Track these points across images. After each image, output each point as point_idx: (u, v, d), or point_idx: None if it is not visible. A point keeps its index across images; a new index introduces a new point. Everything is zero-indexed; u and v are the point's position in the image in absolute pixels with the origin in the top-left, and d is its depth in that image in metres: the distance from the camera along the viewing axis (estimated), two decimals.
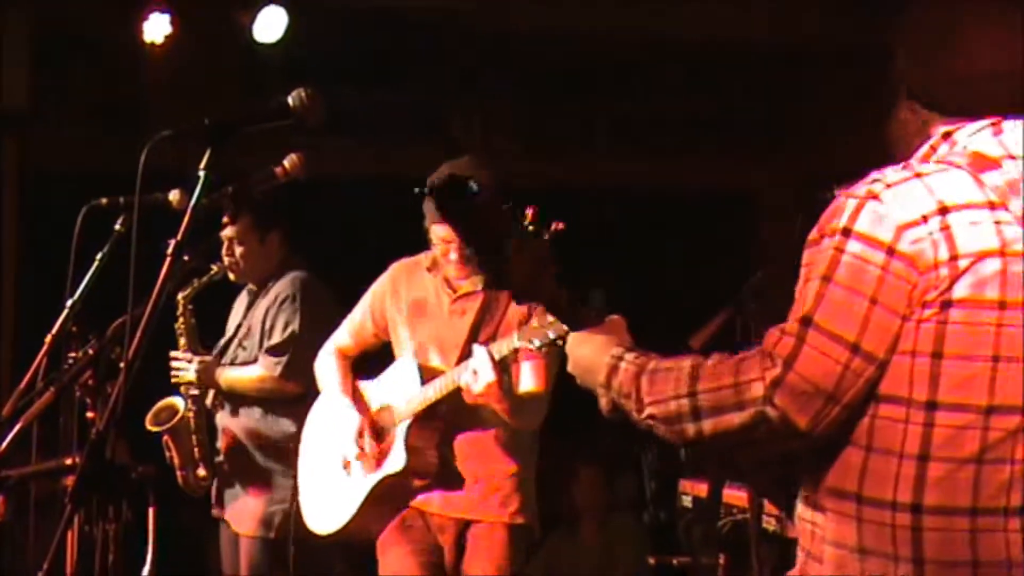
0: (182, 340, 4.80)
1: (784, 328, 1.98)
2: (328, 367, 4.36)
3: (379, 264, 4.39)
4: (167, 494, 4.27)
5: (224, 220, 4.72)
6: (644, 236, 7.34)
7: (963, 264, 1.96)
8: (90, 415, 4.00)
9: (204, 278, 4.75)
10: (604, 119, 7.66)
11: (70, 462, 3.64)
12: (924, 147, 2.12)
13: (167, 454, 4.73)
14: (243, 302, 4.93)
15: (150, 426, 4.69)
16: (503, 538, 4.08)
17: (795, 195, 6.95)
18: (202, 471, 4.76)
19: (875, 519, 2.00)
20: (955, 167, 2.03)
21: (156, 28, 6.12)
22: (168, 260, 2.50)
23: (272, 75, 6.24)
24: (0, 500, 4.35)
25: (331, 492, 4.26)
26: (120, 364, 2.63)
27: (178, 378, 4.76)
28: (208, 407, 4.82)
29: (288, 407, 4.63)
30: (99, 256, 3.85)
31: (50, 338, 3.77)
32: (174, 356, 4.78)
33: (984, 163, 2.03)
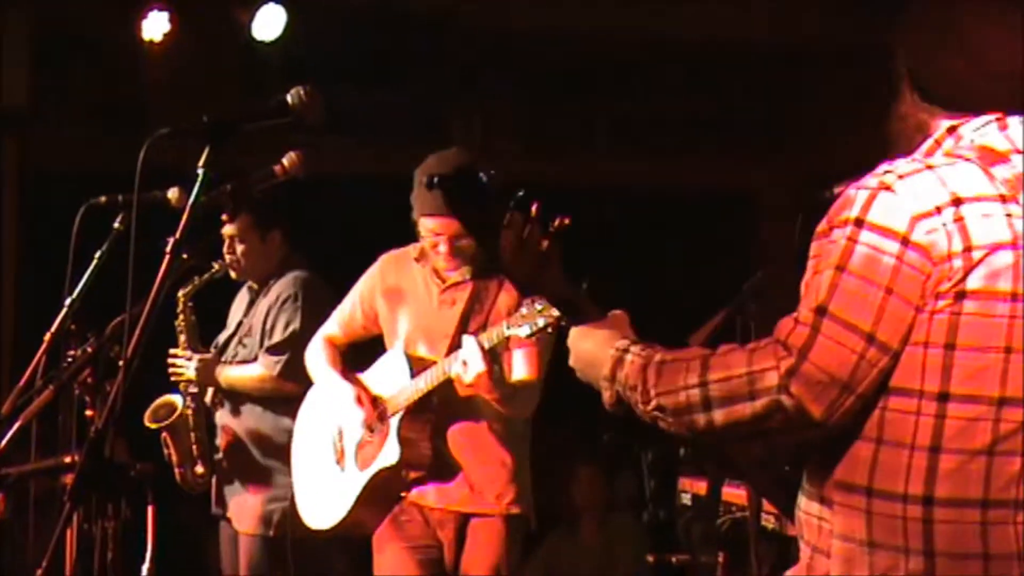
0: (182, 338, 4.80)
1: (797, 317, 1.97)
2: (318, 356, 4.35)
3: None
4: (166, 492, 4.27)
5: (223, 218, 4.72)
6: (644, 236, 7.33)
7: (977, 256, 1.96)
8: (89, 413, 4.01)
9: (205, 275, 4.75)
10: (604, 119, 7.66)
11: (69, 460, 3.63)
12: (928, 142, 2.12)
13: (165, 451, 4.74)
14: (243, 300, 4.93)
15: (148, 423, 4.69)
16: (500, 531, 4.08)
17: (795, 195, 6.95)
18: (200, 468, 4.76)
19: (885, 512, 1.99)
20: (964, 160, 2.03)
21: (155, 26, 6.11)
22: (167, 258, 2.51)
23: (271, 74, 6.24)
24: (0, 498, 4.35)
25: (325, 487, 4.25)
26: (119, 362, 2.63)
27: (177, 376, 4.76)
28: (207, 405, 4.82)
29: (288, 406, 4.62)
30: (98, 254, 3.85)
31: (49, 336, 3.77)
32: (173, 354, 4.78)
33: (993, 157, 2.04)
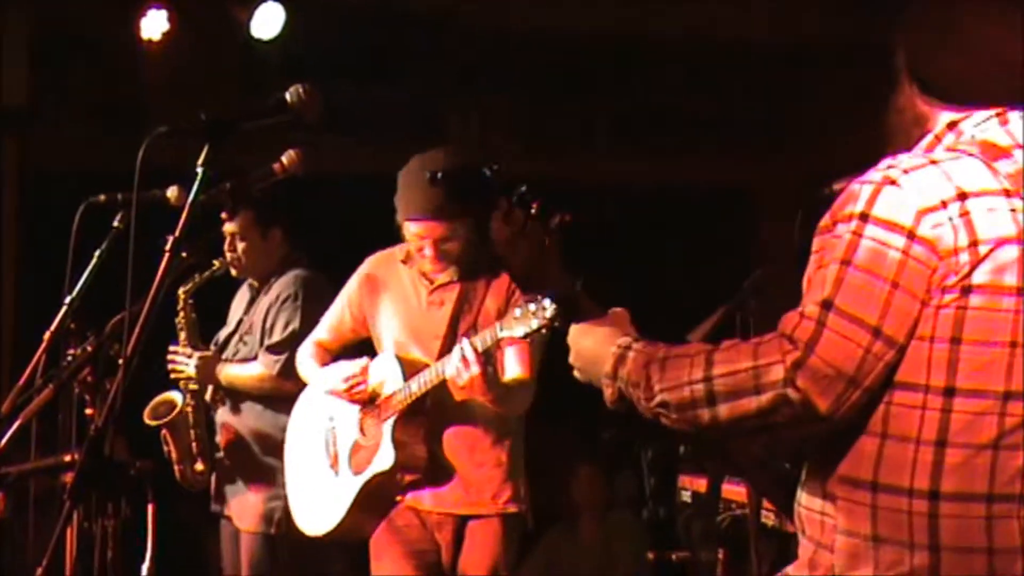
0: (182, 335, 4.79)
1: (803, 311, 1.97)
2: (310, 364, 4.34)
3: None
4: (166, 490, 4.27)
5: (222, 216, 4.71)
6: (644, 235, 7.33)
7: (983, 250, 1.96)
8: (89, 412, 4.00)
9: (205, 273, 4.75)
10: (604, 118, 7.66)
11: (69, 459, 3.64)
12: (928, 137, 2.12)
13: (165, 448, 4.73)
14: (244, 297, 4.93)
15: (148, 420, 4.69)
16: (497, 531, 4.08)
17: (795, 194, 6.95)
18: (200, 465, 4.75)
19: (891, 506, 1.99)
20: (967, 155, 2.04)
21: (153, 25, 6.11)
22: (166, 257, 2.51)
23: (270, 72, 6.24)
24: (0, 496, 4.35)
25: (319, 492, 4.23)
26: (119, 361, 2.63)
27: (177, 373, 4.76)
28: (207, 402, 4.82)
29: (288, 404, 4.62)
30: (98, 253, 3.85)
31: (49, 335, 3.77)
32: (173, 351, 4.78)
33: (996, 152, 2.04)
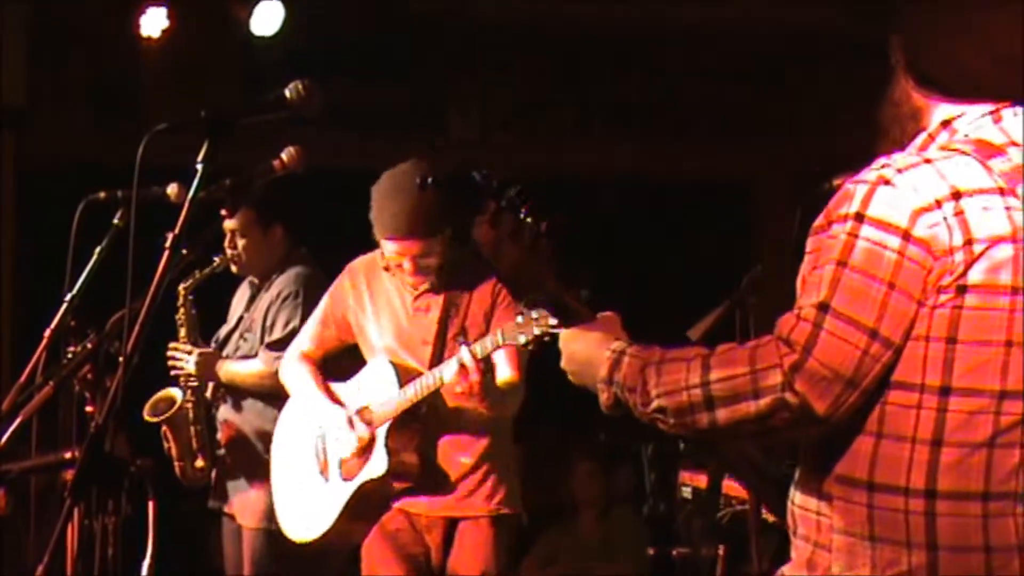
0: (182, 331, 4.78)
1: (799, 313, 1.97)
2: (296, 372, 4.32)
3: None
4: (167, 487, 4.27)
5: (222, 213, 4.70)
6: (642, 226, 7.33)
7: (978, 249, 1.96)
8: (89, 409, 4.00)
9: (206, 269, 4.74)
10: (601, 108, 7.65)
11: (69, 456, 3.63)
12: (922, 136, 2.12)
13: (165, 445, 4.73)
14: (245, 294, 4.92)
15: (147, 417, 4.69)
16: (489, 532, 4.08)
17: (794, 186, 6.95)
18: (200, 462, 4.75)
19: (887, 505, 1.99)
20: (961, 154, 2.03)
21: (153, 22, 6.10)
22: (166, 254, 2.50)
23: (270, 68, 6.23)
24: (0, 494, 4.35)
25: (309, 499, 4.22)
26: (119, 358, 2.63)
27: (177, 370, 4.76)
28: (208, 399, 4.81)
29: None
30: (97, 250, 3.85)
31: (49, 332, 3.76)
32: (174, 347, 4.77)
33: (990, 150, 2.04)
